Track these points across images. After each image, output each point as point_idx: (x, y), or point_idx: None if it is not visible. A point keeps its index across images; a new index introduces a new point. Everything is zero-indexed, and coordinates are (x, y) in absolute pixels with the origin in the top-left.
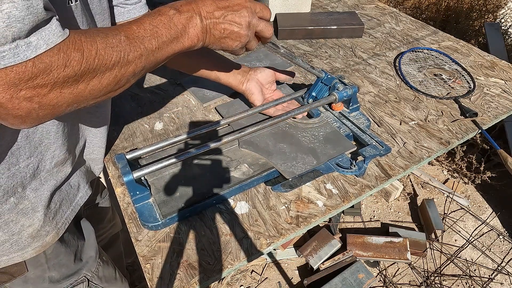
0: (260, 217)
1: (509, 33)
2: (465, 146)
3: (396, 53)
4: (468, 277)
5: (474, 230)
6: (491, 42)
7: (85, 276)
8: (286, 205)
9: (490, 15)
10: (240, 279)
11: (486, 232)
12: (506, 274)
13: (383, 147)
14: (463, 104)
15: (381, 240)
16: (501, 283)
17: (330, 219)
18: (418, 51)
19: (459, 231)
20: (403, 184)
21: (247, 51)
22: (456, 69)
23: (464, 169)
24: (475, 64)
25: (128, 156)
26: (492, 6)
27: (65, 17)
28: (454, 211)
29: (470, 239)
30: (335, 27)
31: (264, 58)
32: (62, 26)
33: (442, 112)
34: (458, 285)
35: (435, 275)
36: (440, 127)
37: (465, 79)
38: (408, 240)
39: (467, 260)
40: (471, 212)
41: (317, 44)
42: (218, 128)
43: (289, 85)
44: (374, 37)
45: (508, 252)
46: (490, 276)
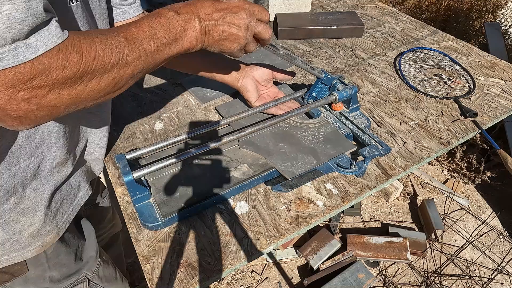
0: (260, 217)
1: (509, 33)
2: (465, 146)
3: (396, 53)
4: (468, 277)
5: (474, 230)
6: (491, 42)
7: (85, 276)
8: (286, 205)
9: (490, 15)
10: (240, 279)
11: (486, 232)
12: (506, 274)
13: (383, 147)
14: (463, 104)
15: (381, 240)
16: (501, 283)
17: (330, 219)
18: (418, 51)
19: (459, 231)
20: (403, 184)
21: (246, 53)
22: (456, 69)
23: (464, 169)
24: (475, 64)
25: (128, 156)
26: (492, 6)
27: (66, 17)
28: (454, 211)
29: (470, 239)
30: (335, 27)
31: (264, 58)
32: (61, 27)
33: (442, 112)
34: (458, 285)
35: (435, 275)
36: (440, 127)
37: (465, 79)
38: (408, 240)
39: (467, 260)
40: (471, 212)
41: (317, 44)
42: (218, 128)
43: (289, 85)
44: (374, 37)
45: (508, 252)
46: (490, 276)
